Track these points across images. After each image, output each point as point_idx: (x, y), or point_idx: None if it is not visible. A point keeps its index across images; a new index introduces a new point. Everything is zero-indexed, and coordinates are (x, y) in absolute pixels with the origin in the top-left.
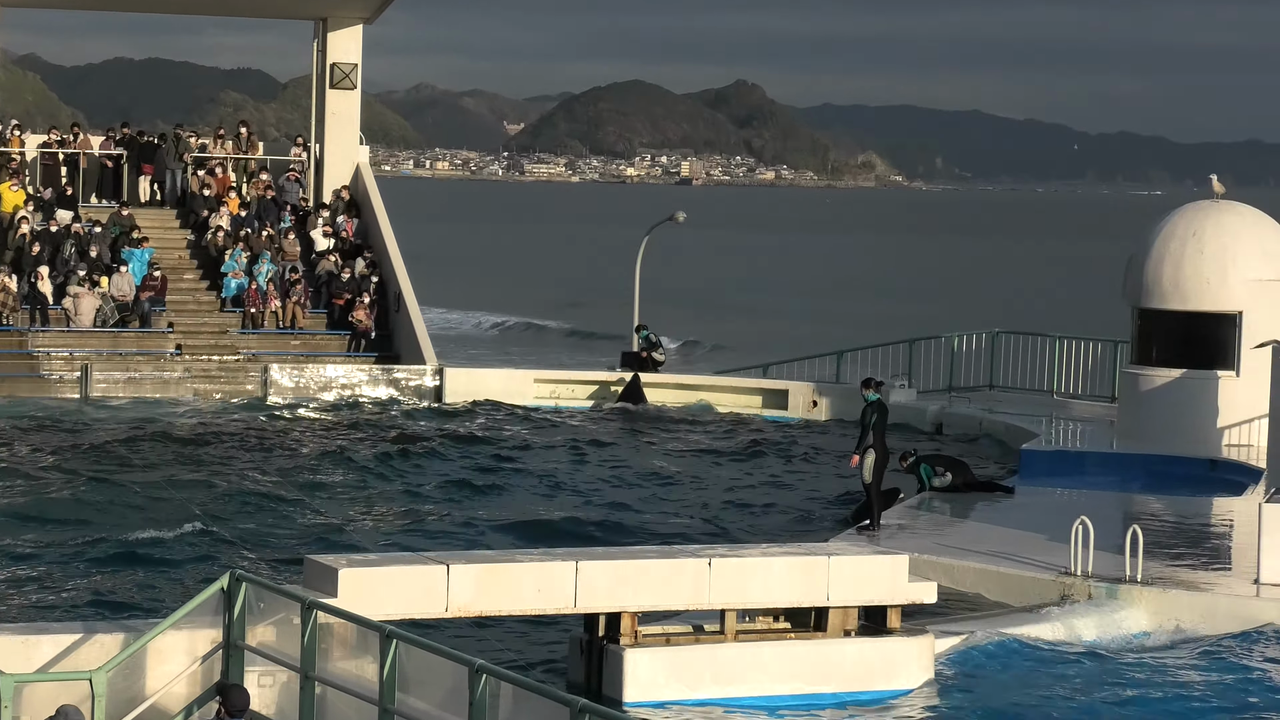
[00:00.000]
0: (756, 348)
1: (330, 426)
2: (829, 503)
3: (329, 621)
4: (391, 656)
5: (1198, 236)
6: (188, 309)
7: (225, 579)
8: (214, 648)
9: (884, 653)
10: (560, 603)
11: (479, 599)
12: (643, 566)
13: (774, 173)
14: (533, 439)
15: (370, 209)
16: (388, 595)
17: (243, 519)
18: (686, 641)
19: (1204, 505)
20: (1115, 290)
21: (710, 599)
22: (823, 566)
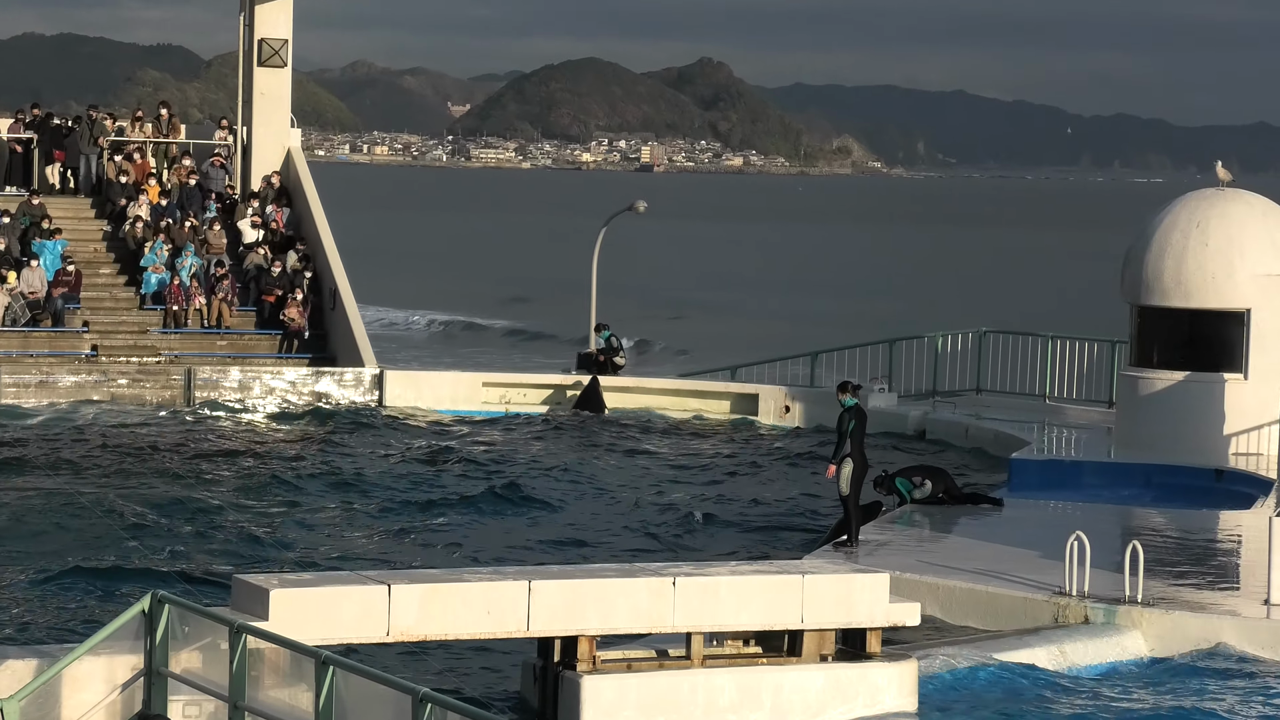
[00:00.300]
0: (723, 348)
1: (260, 435)
2: (803, 516)
3: (260, 647)
4: (328, 685)
5: (1201, 228)
6: (104, 306)
7: (146, 601)
8: (135, 675)
9: (863, 679)
10: (512, 626)
11: (423, 622)
12: (601, 586)
13: (742, 158)
14: (482, 448)
15: (303, 197)
16: (323, 618)
17: (166, 535)
18: (649, 667)
19: (1209, 519)
20: (1112, 286)
21: (675, 621)
22: (796, 586)
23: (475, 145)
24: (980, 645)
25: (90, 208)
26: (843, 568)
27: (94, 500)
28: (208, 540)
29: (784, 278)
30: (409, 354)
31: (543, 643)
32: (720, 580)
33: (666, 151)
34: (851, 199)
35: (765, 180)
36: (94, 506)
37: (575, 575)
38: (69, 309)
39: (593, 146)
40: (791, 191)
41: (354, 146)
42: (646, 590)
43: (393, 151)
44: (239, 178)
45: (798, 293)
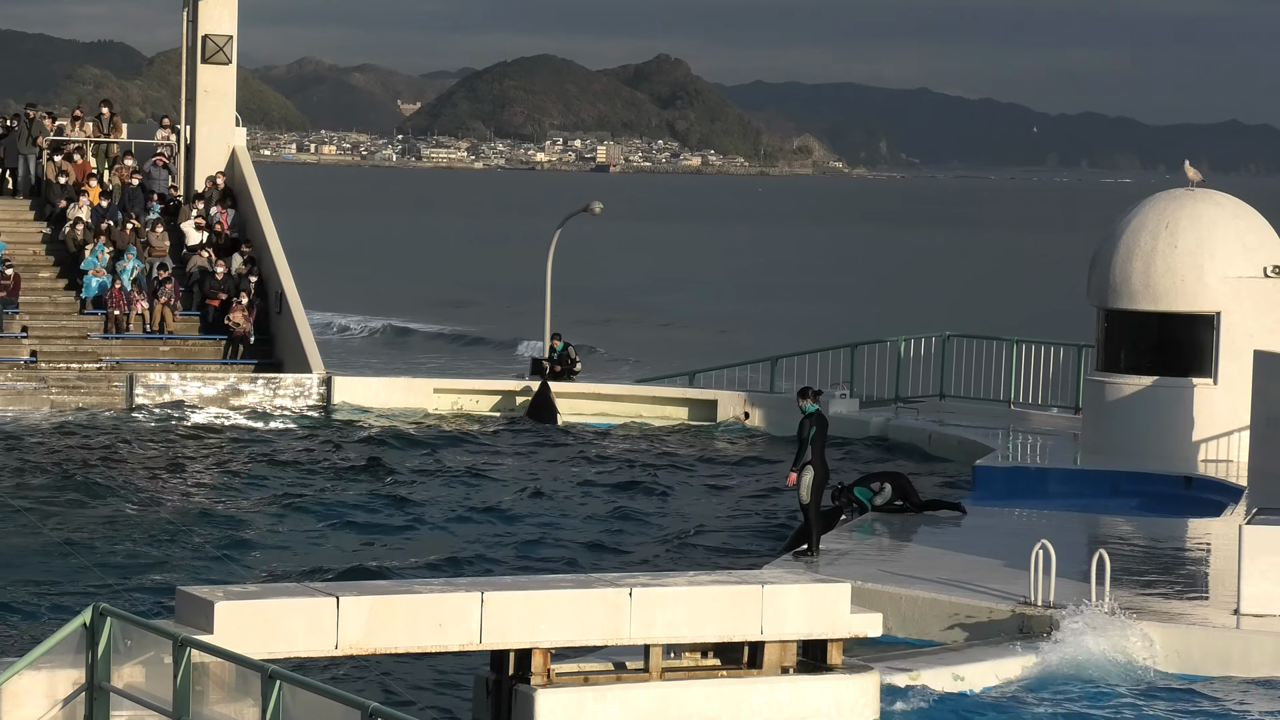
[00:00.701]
0: (680, 353)
1: (205, 443)
2: (763, 524)
3: (204, 660)
4: (275, 699)
5: (1171, 229)
6: (44, 311)
7: (88, 613)
8: (76, 689)
9: (825, 691)
10: (464, 638)
11: (372, 635)
12: (556, 597)
13: (700, 158)
14: (434, 456)
15: (248, 198)
16: (270, 631)
17: (107, 546)
18: (606, 680)
19: (1178, 527)
20: (1079, 289)
21: (632, 633)
22: (756, 596)
23: (426, 145)
24: (944, 656)
25: (29, 209)
26: (803, 578)
27: (33, 510)
28: (151, 551)
29: (743, 281)
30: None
31: (496, 656)
32: (678, 591)
33: (623, 151)
34: (813, 200)
35: (724, 181)
36: (33, 517)
37: (529, 586)
38: (7, 314)
39: (547, 146)
40: (751, 192)
41: (301, 146)
42: (602, 601)
43: (341, 151)
44: (182, 178)
45: (757, 296)
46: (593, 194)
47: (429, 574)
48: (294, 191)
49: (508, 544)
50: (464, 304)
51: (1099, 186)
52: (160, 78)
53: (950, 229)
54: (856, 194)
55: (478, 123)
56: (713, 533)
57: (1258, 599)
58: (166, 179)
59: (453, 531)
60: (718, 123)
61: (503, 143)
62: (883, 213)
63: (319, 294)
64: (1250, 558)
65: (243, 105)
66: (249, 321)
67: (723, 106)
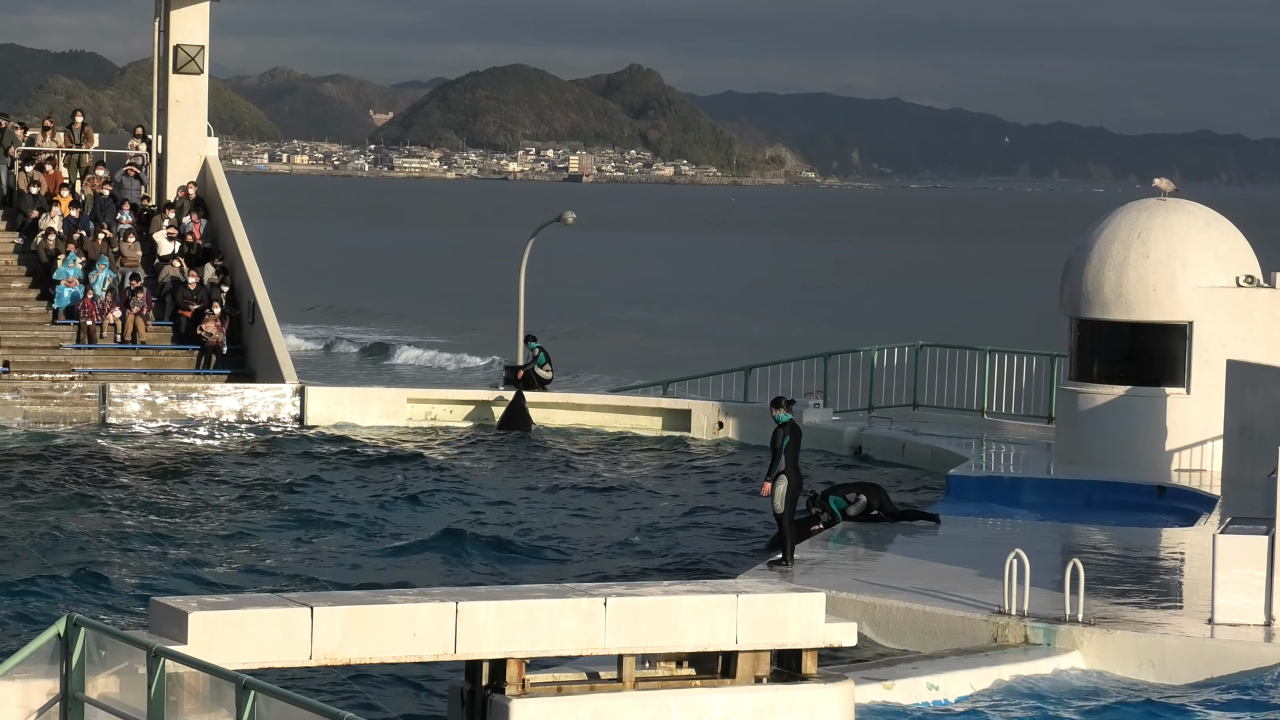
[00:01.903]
0: (654, 363)
1: (178, 454)
2: (737, 534)
3: (179, 671)
4: (250, 710)
5: (1143, 239)
6: (15, 321)
7: (61, 624)
8: (50, 700)
9: (799, 701)
10: (439, 648)
11: (347, 645)
12: (530, 608)
13: (673, 168)
14: (409, 466)
15: (220, 208)
16: (244, 641)
17: (81, 557)
18: (580, 690)
19: (1152, 536)
20: (1051, 299)
21: (606, 643)
22: (730, 606)
23: (399, 154)
24: (918, 665)
25: (0, 219)
26: (778, 587)
27: (5, 521)
28: (125, 562)
29: (717, 291)
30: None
31: (470, 666)
32: (653, 601)
33: (595, 161)
34: (785, 210)
35: (697, 190)
36: (5, 527)
37: (503, 596)
38: None
39: (520, 156)
40: (723, 202)
41: (273, 156)
42: (577, 611)
43: (313, 161)
44: (154, 188)
45: (731, 306)
46: (566, 204)
47: (402, 584)
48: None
49: (479, 553)
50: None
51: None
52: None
53: (923, 239)
54: (829, 204)
55: (450, 133)
56: (687, 542)
57: (1232, 608)
58: (138, 189)
59: (425, 542)
60: (690, 132)
61: (475, 152)
62: (855, 222)
63: (294, 306)
64: (1224, 567)
65: (214, 115)
66: (221, 331)
67: (695, 116)
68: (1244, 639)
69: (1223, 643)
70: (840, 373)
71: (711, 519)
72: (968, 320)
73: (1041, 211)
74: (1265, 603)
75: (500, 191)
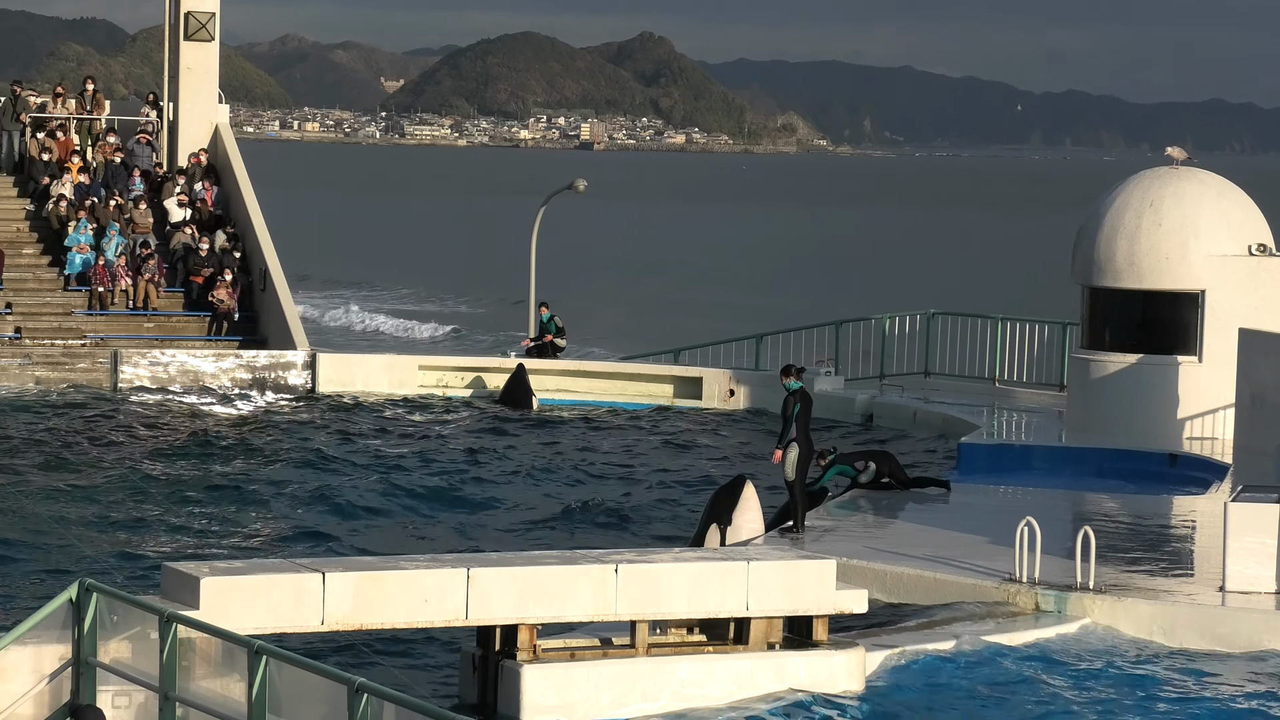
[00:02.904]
0: (665, 331)
1: (189, 420)
2: None
3: (191, 636)
4: (261, 675)
5: (1155, 207)
6: (27, 288)
7: (74, 589)
8: (62, 665)
9: (810, 667)
10: (450, 614)
11: (358, 611)
12: (542, 574)
13: (684, 136)
14: (421, 435)
15: (231, 175)
16: (256, 607)
17: (92, 522)
18: (592, 656)
19: (1163, 504)
20: (1063, 267)
21: (618, 609)
22: (742, 573)
23: (410, 122)
24: (928, 633)
25: (12, 186)
26: (789, 554)
27: (18, 486)
28: (136, 527)
29: (728, 259)
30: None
31: (482, 632)
32: (664, 567)
33: (607, 129)
34: (797, 178)
35: (708, 158)
36: (18, 493)
37: (515, 563)
38: None
39: (531, 123)
40: (735, 170)
41: (284, 123)
42: (589, 578)
43: (324, 128)
44: (165, 155)
45: (742, 274)
46: (577, 171)
47: (412, 550)
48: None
49: (489, 521)
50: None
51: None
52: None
53: (935, 207)
54: (841, 172)
55: (461, 100)
56: (696, 510)
57: (1243, 576)
58: (149, 156)
59: (435, 509)
60: (701, 100)
61: (486, 120)
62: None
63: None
64: (1235, 535)
65: (225, 82)
66: (233, 298)
67: (706, 84)
68: (1255, 606)
69: (1234, 610)
70: (851, 341)
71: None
72: (979, 288)
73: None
74: (1276, 571)
75: (511, 159)
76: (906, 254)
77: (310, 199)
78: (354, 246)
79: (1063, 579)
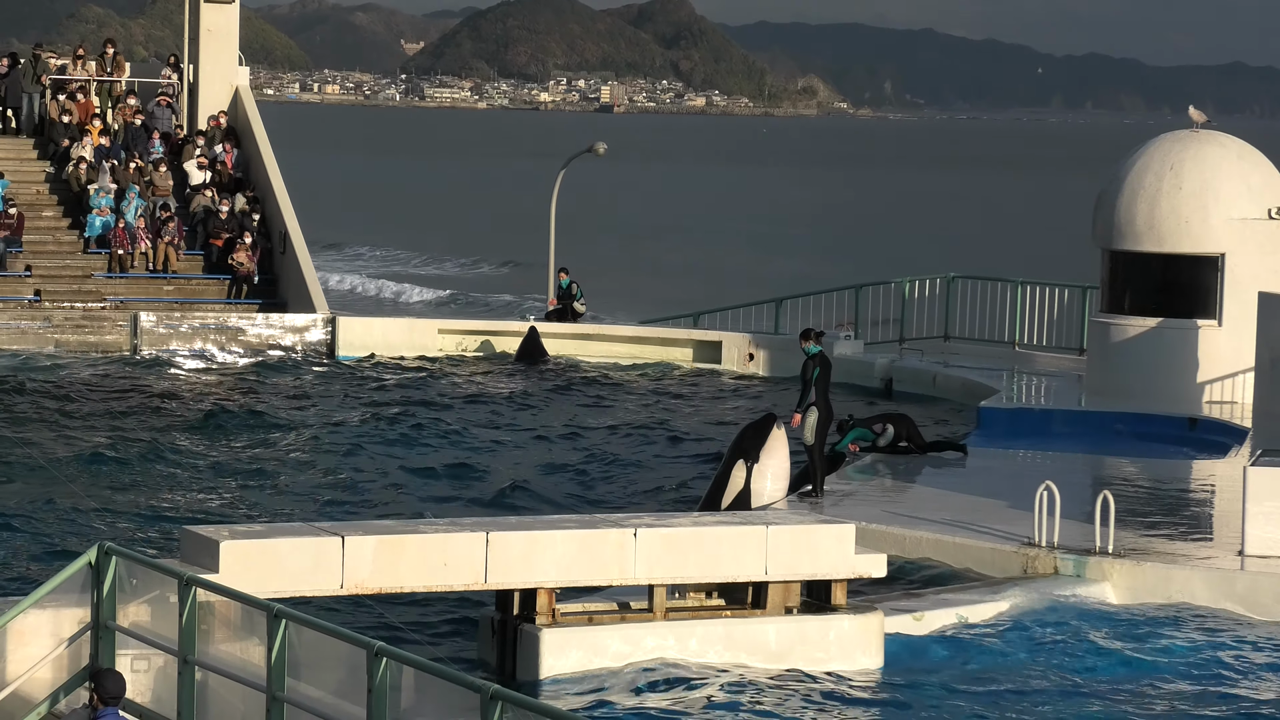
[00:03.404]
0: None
1: (209, 383)
2: None
3: (210, 600)
4: (280, 638)
5: (1175, 170)
6: (47, 250)
7: (93, 552)
8: (82, 628)
9: (828, 631)
10: (469, 578)
11: (378, 574)
12: (560, 538)
13: (704, 98)
14: (438, 397)
15: (251, 138)
16: (275, 570)
17: (112, 486)
18: (610, 620)
19: (1182, 468)
20: (1083, 230)
21: (636, 573)
22: (760, 537)
23: (429, 85)
24: (947, 597)
25: (32, 149)
26: (807, 518)
27: (38, 449)
28: (156, 491)
29: (748, 222)
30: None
31: (501, 595)
32: (683, 531)
33: (627, 91)
34: (817, 141)
35: (728, 121)
36: (38, 456)
37: (534, 526)
38: (11, 253)
39: (551, 86)
40: (755, 133)
41: (304, 85)
42: (607, 542)
43: (344, 91)
44: (186, 117)
45: (762, 238)
46: (596, 134)
47: (431, 514)
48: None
49: (508, 484)
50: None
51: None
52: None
53: (955, 170)
54: (861, 135)
55: (481, 63)
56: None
57: (1262, 540)
58: (170, 118)
59: (454, 471)
60: (722, 63)
61: (506, 83)
62: (887, 154)
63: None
64: (1255, 499)
65: (246, 45)
66: (253, 261)
67: (727, 47)
68: (1274, 571)
69: (1253, 574)
70: (871, 305)
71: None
72: (999, 252)
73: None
74: None
75: (531, 122)
76: (927, 217)
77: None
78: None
79: (1082, 543)
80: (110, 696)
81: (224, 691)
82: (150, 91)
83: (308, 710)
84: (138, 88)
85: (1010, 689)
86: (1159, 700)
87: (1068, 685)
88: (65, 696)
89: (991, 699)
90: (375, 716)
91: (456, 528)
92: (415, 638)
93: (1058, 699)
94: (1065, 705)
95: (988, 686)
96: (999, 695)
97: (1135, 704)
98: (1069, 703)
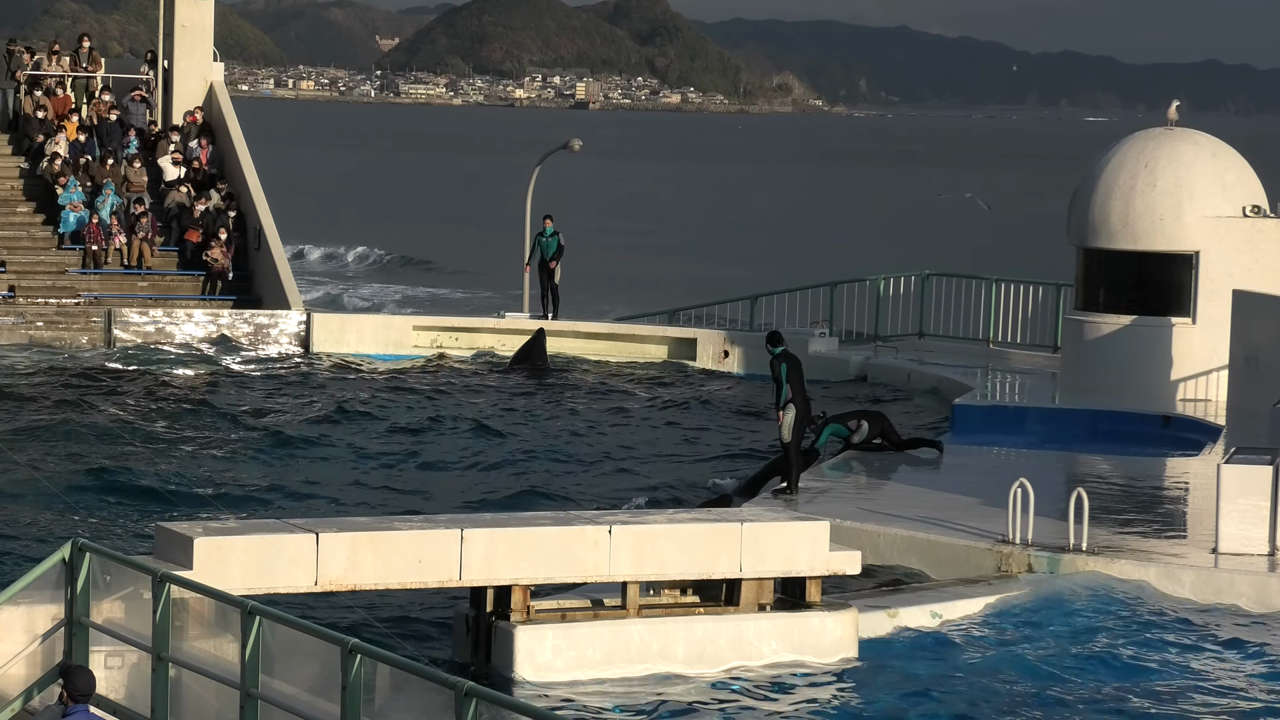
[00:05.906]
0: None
1: (183, 379)
2: (742, 462)
3: (184, 596)
4: (254, 635)
5: (1150, 168)
6: (21, 246)
7: (66, 549)
8: (55, 625)
9: (802, 628)
10: (444, 575)
11: (352, 571)
12: (535, 535)
13: (680, 95)
14: (415, 393)
15: (226, 134)
16: (249, 567)
17: (86, 482)
18: (584, 617)
19: (1156, 466)
20: (1058, 228)
21: (611, 570)
22: (735, 534)
23: (405, 81)
24: (921, 594)
25: (7, 144)
26: (782, 516)
27: (10, 445)
28: (129, 487)
29: (723, 219)
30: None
31: (475, 592)
32: (657, 529)
33: (602, 88)
34: (792, 138)
35: (704, 118)
36: (10, 452)
37: (509, 524)
38: None
39: (526, 83)
40: (730, 130)
41: (279, 81)
42: (582, 539)
43: (319, 87)
44: (160, 113)
45: (737, 235)
46: (572, 131)
47: (405, 511)
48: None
49: (483, 482)
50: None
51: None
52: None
53: (929, 167)
54: (836, 132)
55: (456, 59)
56: (690, 470)
57: (1236, 538)
58: (144, 114)
59: (429, 468)
60: (697, 60)
61: (481, 79)
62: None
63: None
64: (1228, 497)
65: (220, 40)
66: (227, 257)
67: (702, 43)
68: (1247, 568)
69: (1226, 572)
70: (846, 302)
71: (716, 447)
72: (974, 249)
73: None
74: (1269, 532)
75: (506, 118)
76: (901, 214)
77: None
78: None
79: (1056, 541)
80: (80, 694)
81: (198, 688)
82: (125, 87)
83: (281, 707)
84: (112, 83)
85: (985, 685)
86: (1135, 697)
87: (1042, 682)
88: (39, 693)
89: (965, 696)
90: (349, 713)
91: (431, 525)
92: (390, 635)
93: (1032, 696)
94: (1039, 702)
95: (962, 683)
96: (973, 692)
97: (1111, 700)
98: (1043, 699)
